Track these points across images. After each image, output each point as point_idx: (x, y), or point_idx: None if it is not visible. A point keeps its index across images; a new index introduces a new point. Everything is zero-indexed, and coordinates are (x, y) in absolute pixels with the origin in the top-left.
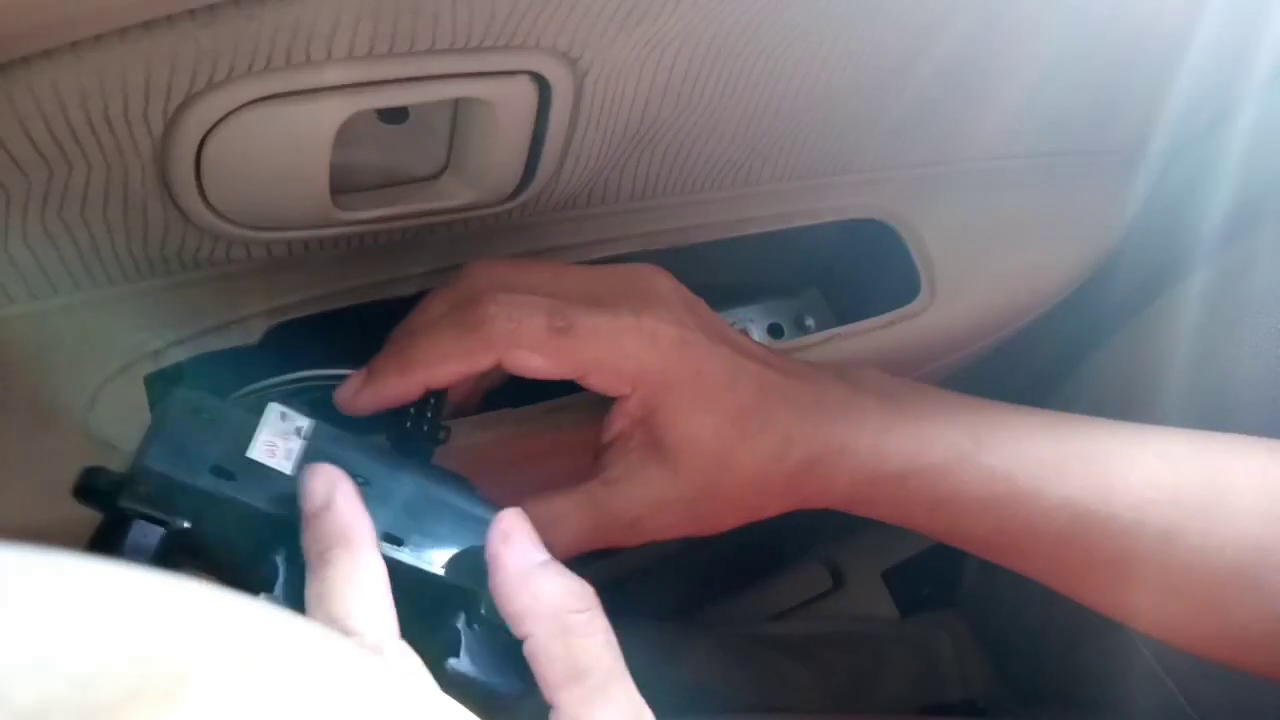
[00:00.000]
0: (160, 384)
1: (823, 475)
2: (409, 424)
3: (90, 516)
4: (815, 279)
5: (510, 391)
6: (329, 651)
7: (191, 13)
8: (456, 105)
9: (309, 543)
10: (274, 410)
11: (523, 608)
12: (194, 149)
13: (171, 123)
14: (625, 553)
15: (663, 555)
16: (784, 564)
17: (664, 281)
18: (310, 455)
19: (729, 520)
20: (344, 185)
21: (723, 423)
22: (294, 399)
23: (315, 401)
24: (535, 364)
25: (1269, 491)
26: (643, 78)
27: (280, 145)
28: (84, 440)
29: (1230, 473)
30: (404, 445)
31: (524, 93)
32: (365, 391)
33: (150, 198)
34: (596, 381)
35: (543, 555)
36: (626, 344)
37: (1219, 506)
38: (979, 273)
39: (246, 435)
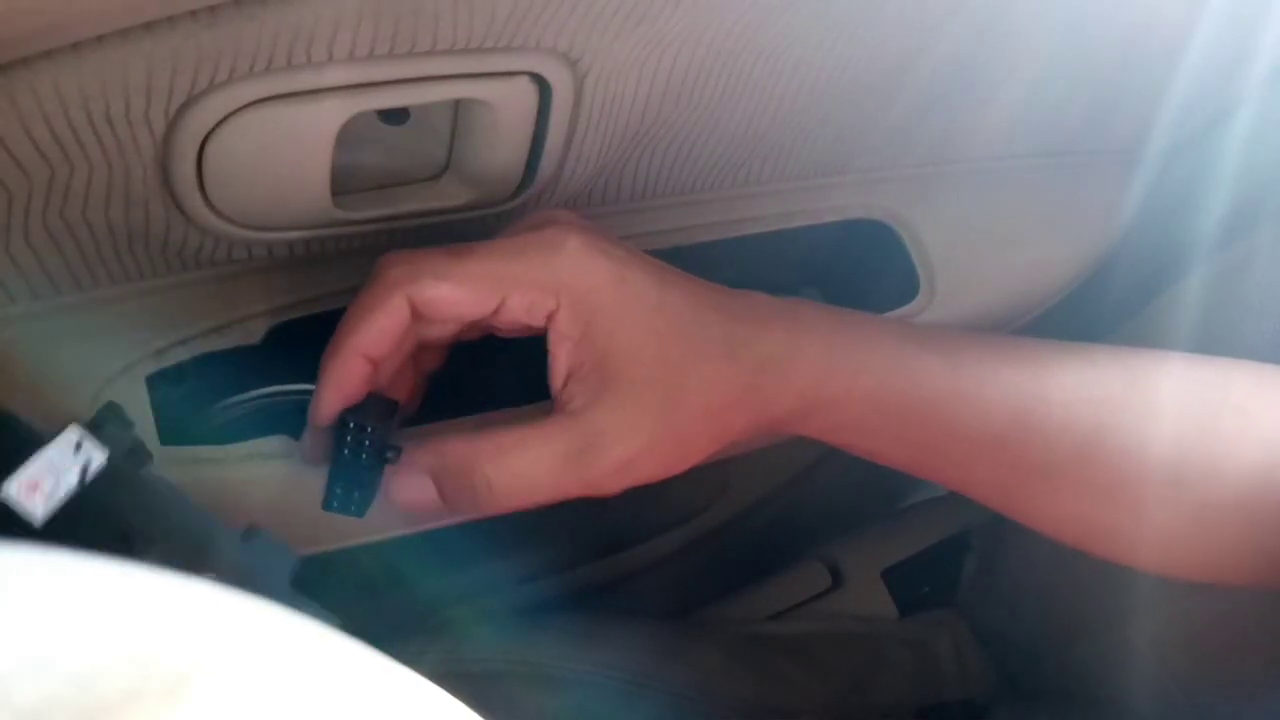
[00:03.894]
0: (161, 383)
1: (777, 378)
2: (347, 449)
3: None
4: (815, 279)
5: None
6: (330, 652)
7: (193, 14)
8: (457, 106)
9: None
10: (69, 437)
11: None
12: (195, 149)
13: (173, 123)
14: (625, 553)
15: (663, 555)
16: (783, 563)
17: (562, 211)
18: (75, 506)
19: (703, 435)
20: (345, 186)
21: (662, 328)
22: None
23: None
24: (445, 292)
25: (1187, 393)
26: (643, 79)
27: (281, 146)
28: None
29: (1149, 375)
30: (351, 481)
31: (524, 93)
32: (320, 394)
33: (152, 198)
34: (518, 304)
35: None
36: (534, 256)
37: (1141, 405)
38: (978, 273)
39: (15, 463)
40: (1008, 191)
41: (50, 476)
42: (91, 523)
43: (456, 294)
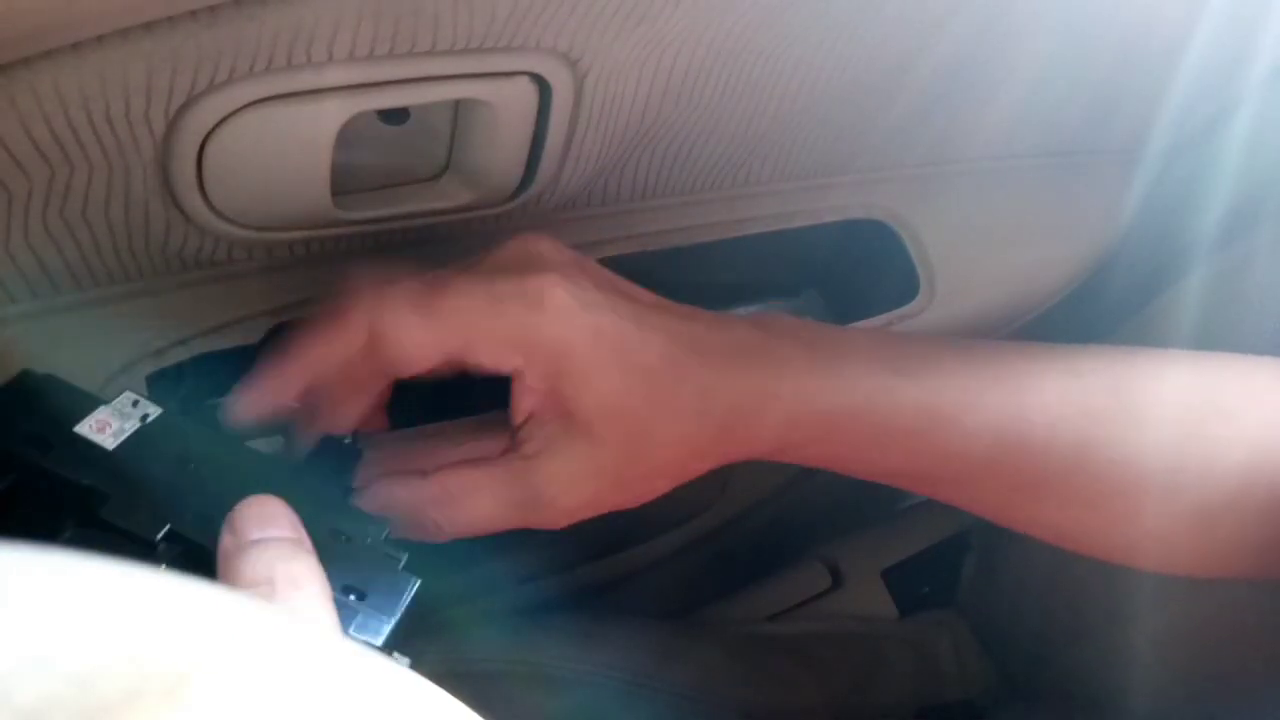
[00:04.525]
0: (161, 383)
1: (748, 426)
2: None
3: None
4: (815, 279)
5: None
6: (330, 651)
7: (193, 14)
8: (457, 106)
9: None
10: (126, 398)
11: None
12: (195, 149)
13: (173, 123)
14: (625, 553)
15: (663, 555)
16: (783, 563)
17: (546, 244)
18: (140, 437)
19: (659, 485)
20: (345, 186)
21: (634, 384)
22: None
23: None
24: (406, 335)
25: (1175, 398)
26: (642, 79)
27: (281, 146)
28: None
29: (1134, 381)
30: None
31: (524, 94)
32: (244, 395)
33: (152, 198)
34: (483, 356)
35: (255, 535)
36: (509, 310)
37: (1126, 414)
38: (978, 273)
39: (84, 413)
40: (1008, 191)
41: (115, 420)
42: (157, 452)
43: (418, 339)
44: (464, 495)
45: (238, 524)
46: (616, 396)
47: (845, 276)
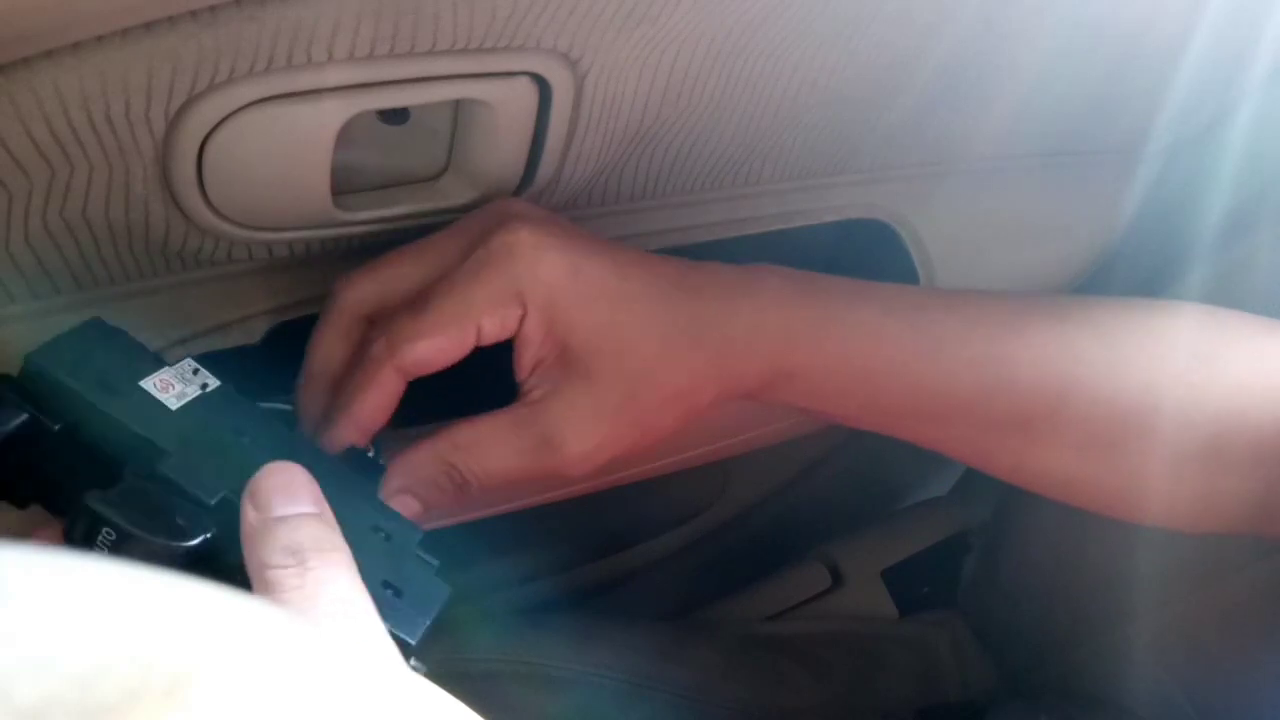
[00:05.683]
0: None
1: (740, 355)
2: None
3: None
4: None
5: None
6: (330, 651)
7: (193, 14)
8: (457, 106)
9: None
10: (187, 364)
11: (251, 565)
12: (195, 149)
13: (173, 123)
14: (625, 552)
15: (663, 555)
16: (783, 563)
17: (517, 204)
18: (201, 403)
19: (668, 417)
20: (345, 186)
21: (623, 318)
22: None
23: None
24: (425, 348)
25: (1155, 342)
26: (643, 78)
27: (281, 146)
28: None
29: (1116, 324)
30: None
31: (524, 94)
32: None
33: (152, 198)
34: (491, 325)
35: (280, 511)
36: (489, 275)
37: (1108, 358)
38: (978, 272)
39: (148, 370)
40: (1008, 191)
41: (178, 383)
42: (216, 420)
43: (438, 344)
44: (474, 445)
45: (260, 496)
46: (608, 331)
47: (845, 276)
